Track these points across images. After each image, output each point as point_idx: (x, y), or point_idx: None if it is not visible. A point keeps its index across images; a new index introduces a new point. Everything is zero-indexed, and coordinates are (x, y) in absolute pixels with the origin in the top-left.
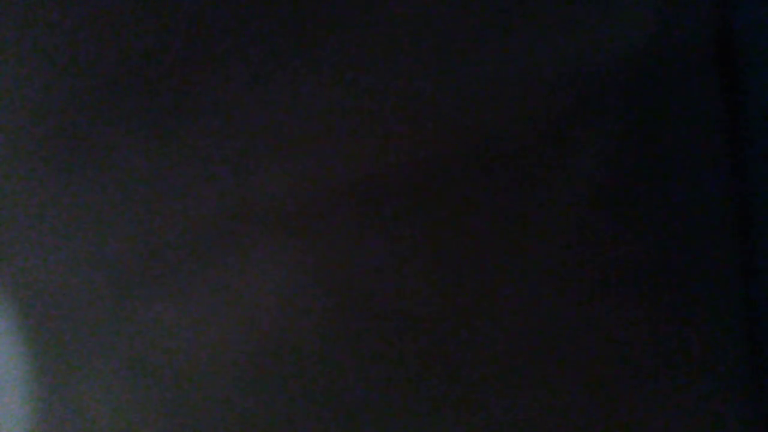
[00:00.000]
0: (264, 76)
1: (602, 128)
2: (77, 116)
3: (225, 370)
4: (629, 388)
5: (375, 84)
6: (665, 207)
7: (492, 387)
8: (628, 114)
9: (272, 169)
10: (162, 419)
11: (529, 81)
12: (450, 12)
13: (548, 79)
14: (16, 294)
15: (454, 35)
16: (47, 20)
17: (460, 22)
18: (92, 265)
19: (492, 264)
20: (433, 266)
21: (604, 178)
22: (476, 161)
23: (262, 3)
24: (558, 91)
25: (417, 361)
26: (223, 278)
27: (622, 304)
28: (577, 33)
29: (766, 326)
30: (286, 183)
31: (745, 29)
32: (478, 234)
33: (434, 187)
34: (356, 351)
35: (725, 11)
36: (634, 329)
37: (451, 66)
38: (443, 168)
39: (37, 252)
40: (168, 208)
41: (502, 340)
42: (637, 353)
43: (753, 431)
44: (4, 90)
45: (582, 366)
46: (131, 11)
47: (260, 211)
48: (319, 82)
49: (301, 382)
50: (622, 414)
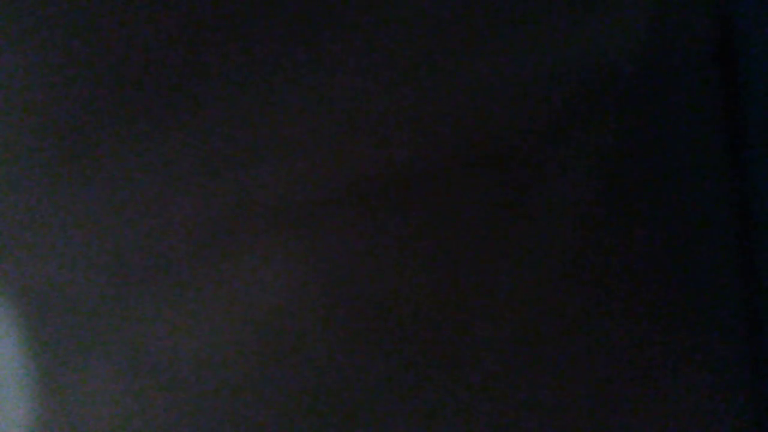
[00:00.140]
0: (264, 76)
1: (602, 128)
2: (77, 116)
3: (225, 369)
4: (629, 387)
5: (375, 84)
6: (665, 207)
7: (492, 386)
8: (627, 114)
9: (272, 169)
10: (162, 418)
11: (528, 81)
12: (450, 12)
13: (548, 79)
14: (16, 294)
15: (453, 36)
16: (47, 20)
17: (459, 23)
18: (92, 265)
19: (492, 263)
20: (433, 265)
21: (603, 178)
22: (476, 161)
23: (262, 3)
24: (558, 91)
25: (417, 359)
26: (222, 277)
27: (621, 304)
28: (577, 33)
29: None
30: (286, 182)
31: (745, 29)
32: (478, 233)
33: (433, 186)
34: (356, 349)
35: (725, 11)
36: (634, 329)
37: (450, 66)
38: (442, 168)
39: (37, 252)
40: (168, 208)
41: (501, 340)
42: (637, 353)
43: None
44: (4, 90)
45: (581, 366)
46: (130, 11)
47: (260, 211)
48: (319, 82)
49: (300, 381)
50: (622, 414)
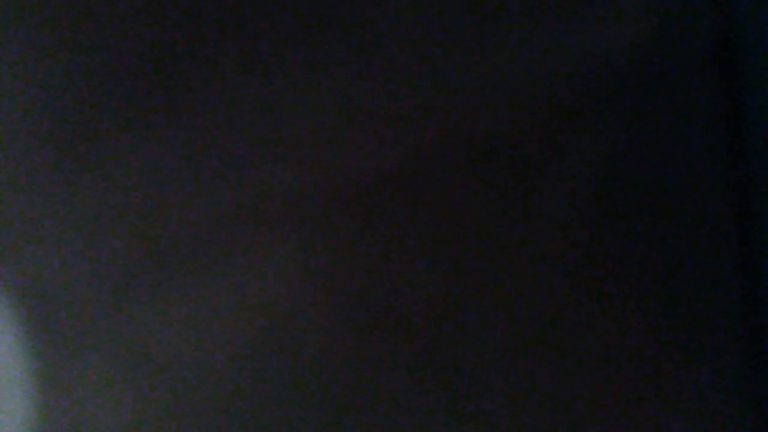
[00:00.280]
0: (264, 76)
1: (602, 128)
2: (77, 116)
3: (225, 369)
4: (629, 387)
5: (374, 84)
6: (665, 206)
7: (491, 385)
8: (627, 113)
9: (272, 169)
10: (162, 417)
11: (528, 81)
12: (449, 12)
13: (548, 79)
14: (17, 293)
15: (453, 36)
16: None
17: (459, 23)
18: (92, 265)
19: (492, 262)
20: (433, 265)
21: (603, 178)
22: (476, 160)
23: (261, 3)
24: (557, 91)
25: (416, 359)
26: (222, 277)
27: (621, 303)
28: (577, 33)
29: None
30: (286, 182)
31: (745, 29)
32: (478, 233)
33: (433, 186)
34: (356, 349)
35: (725, 11)
36: (634, 329)
37: (450, 66)
38: (442, 168)
39: (37, 252)
40: (167, 208)
41: (501, 339)
42: (637, 353)
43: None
44: (4, 90)
45: (581, 366)
46: (130, 11)
47: (259, 210)
48: (319, 82)
49: (300, 380)
50: (622, 413)
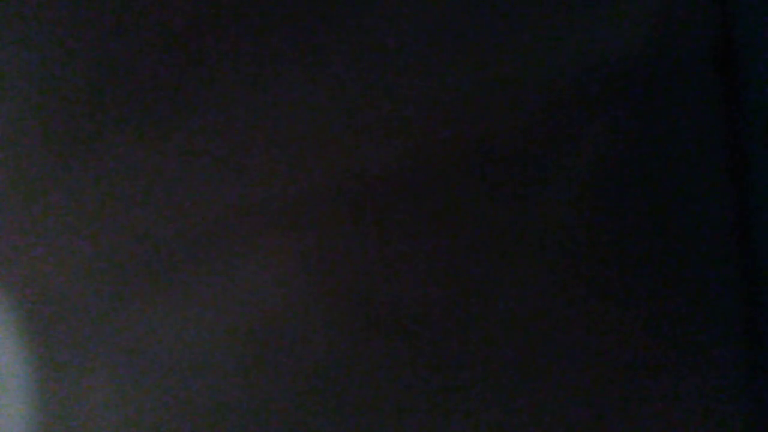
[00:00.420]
0: (263, 75)
1: (601, 128)
2: (77, 116)
3: (224, 368)
4: (629, 387)
5: (374, 84)
6: (665, 206)
7: (490, 385)
8: (627, 114)
9: (272, 169)
10: (162, 416)
11: (528, 81)
12: (448, 13)
13: (548, 79)
14: (17, 293)
15: (453, 36)
16: (46, 20)
17: (458, 23)
18: (92, 265)
19: (491, 263)
20: (432, 264)
21: (603, 178)
22: (475, 160)
23: (261, 3)
24: (557, 91)
25: (415, 358)
26: (221, 276)
27: (621, 303)
28: (578, 33)
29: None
30: (285, 182)
31: (745, 30)
32: (477, 232)
33: (432, 186)
34: (356, 348)
35: (725, 12)
36: (634, 329)
37: (450, 66)
38: (441, 167)
39: (37, 252)
40: (167, 208)
41: (500, 338)
42: (637, 353)
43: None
44: (4, 90)
45: (581, 366)
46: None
47: (259, 211)
48: (318, 82)
49: (300, 380)
50: (622, 414)
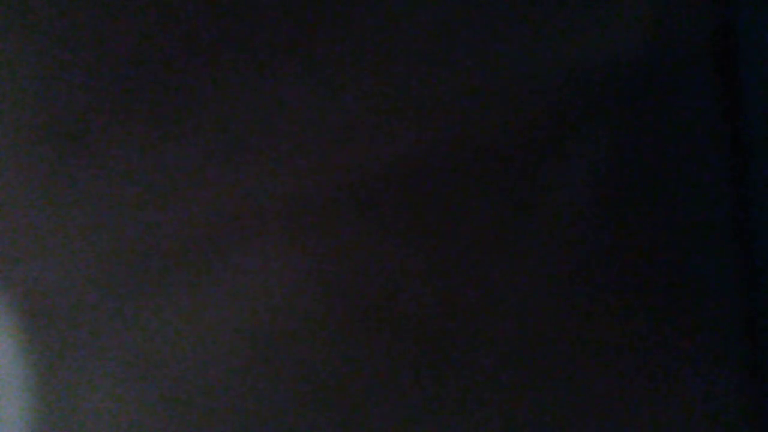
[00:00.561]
0: (263, 75)
1: (601, 128)
2: (77, 116)
3: (224, 370)
4: (629, 388)
5: (374, 84)
6: (665, 207)
7: (491, 386)
8: (627, 114)
9: (272, 170)
10: (162, 418)
11: (527, 81)
12: (448, 13)
13: (547, 80)
14: (17, 294)
15: (453, 36)
16: (47, 20)
17: (458, 23)
18: (92, 265)
19: (491, 264)
20: (433, 266)
21: (603, 179)
22: (476, 161)
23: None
24: (557, 91)
25: (416, 360)
26: (223, 278)
27: (621, 304)
28: (577, 33)
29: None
30: (286, 182)
31: (745, 29)
32: (478, 234)
33: (433, 187)
34: (356, 349)
35: (725, 11)
36: (634, 330)
37: (450, 67)
38: (442, 168)
39: (37, 252)
40: (168, 208)
41: (501, 340)
42: (637, 353)
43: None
44: (4, 89)
45: (581, 366)
46: (131, 10)
47: (259, 211)
48: (319, 82)
49: (300, 381)
50: (623, 414)
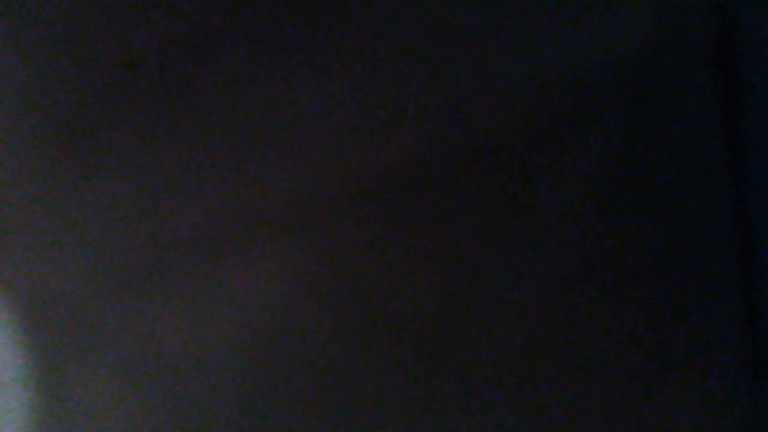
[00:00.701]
0: (263, 77)
1: (601, 129)
2: (77, 116)
3: (225, 370)
4: (629, 387)
5: (374, 85)
6: (665, 207)
7: (491, 386)
8: (627, 115)
9: (272, 170)
10: (162, 418)
11: (528, 82)
12: (448, 13)
13: (547, 80)
14: (17, 294)
15: (452, 37)
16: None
17: (458, 24)
18: (93, 265)
19: (491, 263)
20: (433, 266)
21: (603, 179)
22: (476, 162)
23: (264, 3)
24: (557, 92)
25: (417, 361)
26: (223, 278)
27: (621, 304)
28: (577, 33)
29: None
30: (287, 184)
31: (745, 29)
32: (478, 233)
33: (433, 188)
34: (356, 351)
35: (725, 11)
36: (634, 329)
37: (450, 67)
38: (442, 169)
39: (38, 252)
40: (168, 209)
41: (501, 340)
42: (637, 353)
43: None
44: (4, 90)
45: (581, 366)
46: (131, 10)
47: (260, 212)
48: (320, 83)
49: (301, 382)
50: (622, 414)
